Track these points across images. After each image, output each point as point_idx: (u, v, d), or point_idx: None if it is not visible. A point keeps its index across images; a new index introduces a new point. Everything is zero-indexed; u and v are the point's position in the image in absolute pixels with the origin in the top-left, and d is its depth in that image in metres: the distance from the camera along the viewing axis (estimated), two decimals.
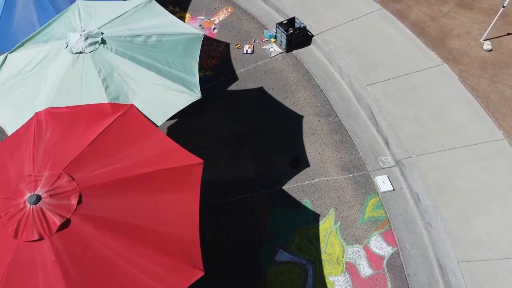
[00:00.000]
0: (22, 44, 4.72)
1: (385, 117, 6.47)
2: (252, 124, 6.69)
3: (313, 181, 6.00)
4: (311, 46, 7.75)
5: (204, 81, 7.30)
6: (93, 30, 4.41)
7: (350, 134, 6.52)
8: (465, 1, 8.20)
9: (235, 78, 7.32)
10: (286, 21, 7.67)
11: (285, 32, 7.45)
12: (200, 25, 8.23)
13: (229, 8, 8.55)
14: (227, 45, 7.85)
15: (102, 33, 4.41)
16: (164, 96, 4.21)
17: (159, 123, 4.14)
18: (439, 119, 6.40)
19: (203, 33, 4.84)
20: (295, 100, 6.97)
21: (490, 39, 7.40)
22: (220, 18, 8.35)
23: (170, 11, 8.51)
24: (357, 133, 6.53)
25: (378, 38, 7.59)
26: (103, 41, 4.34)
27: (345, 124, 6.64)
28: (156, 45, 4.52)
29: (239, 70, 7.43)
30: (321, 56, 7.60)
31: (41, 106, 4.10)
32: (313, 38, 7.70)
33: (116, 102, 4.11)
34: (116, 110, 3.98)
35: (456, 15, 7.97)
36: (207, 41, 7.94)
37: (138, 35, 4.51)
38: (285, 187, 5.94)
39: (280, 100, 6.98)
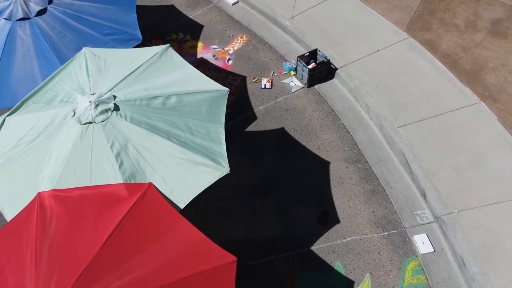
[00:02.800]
0: (22, 104, 4.15)
1: (421, 164, 5.90)
2: (274, 171, 6.12)
3: (344, 240, 5.43)
4: (334, 80, 7.18)
5: None
6: (104, 93, 3.84)
7: (382, 183, 5.95)
8: (498, 29, 7.62)
9: (253, 117, 6.75)
10: (307, 54, 7.09)
11: (307, 67, 6.88)
12: (214, 56, 7.66)
13: (244, 36, 7.97)
14: (243, 78, 7.28)
15: (115, 97, 3.84)
16: (187, 171, 3.64)
17: (182, 205, 3.57)
18: (480, 167, 5.83)
19: (227, 89, 4.26)
20: (320, 143, 6.40)
21: None
22: (235, 48, 7.78)
23: (180, 39, 7.96)
24: (390, 182, 5.96)
25: (408, 71, 7.01)
26: (116, 107, 3.77)
27: (376, 172, 6.06)
28: (176, 108, 3.95)
29: (258, 108, 6.86)
30: (346, 91, 7.03)
31: (44, 186, 3.53)
32: (337, 71, 7.12)
33: (132, 181, 3.54)
34: (132, 192, 3.41)
35: (489, 45, 7.38)
36: (222, 74, 7.37)
37: (156, 97, 3.94)
38: (314, 248, 5.37)
39: (304, 143, 6.40)
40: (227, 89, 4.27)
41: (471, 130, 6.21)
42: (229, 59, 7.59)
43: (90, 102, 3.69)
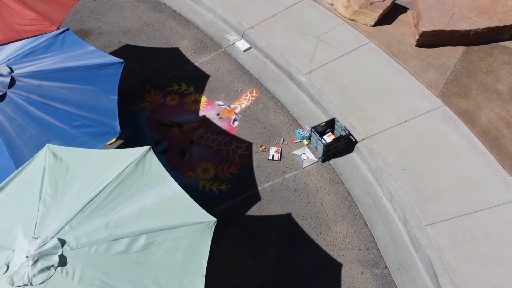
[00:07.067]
0: None
1: (451, 279, 4.91)
2: (277, 271, 5.23)
3: None
4: (353, 155, 6.22)
5: (218, 199, 5.86)
6: (50, 238, 3.00)
7: None
8: None
9: (257, 197, 5.86)
10: (324, 123, 6.15)
11: (322, 141, 5.94)
12: (218, 114, 6.79)
13: (254, 92, 7.07)
14: (249, 145, 6.38)
15: (63, 243, 3.00)
16: None
17: None
18: None
19: (215, 220, 3.38)
20: (332, 237, 5.46)
21: None
22: (242, 105, 6.89)
23: (183, 92, 7.11)
24: None
25: (440, 151, 6.00)
26: (62, 261, 2.93)
27: (397, 282, 5.11)
28: (144, 254, 3.09)
29: (263, 185, 5.96)
30: (366, 171, 6.06)
31: None
32: (357, 145, 6.15)
33: None
34: None
35: None
36: (225, 138, 6.50)
37: (119, 239, 3.09)
38: None
39: (313, 236, 5.48)
40: (214, 219, 3.38)
41: None
42: (234, 120, 6.70)
43: (27, 257, 2.87)
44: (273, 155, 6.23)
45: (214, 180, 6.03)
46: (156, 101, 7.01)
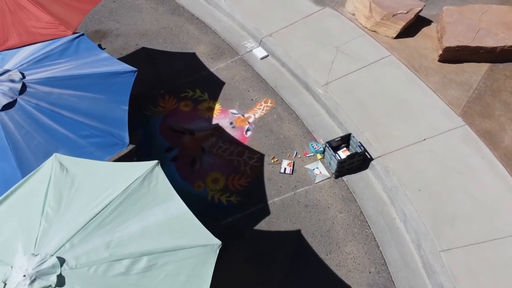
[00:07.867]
0: None
1: None
2: None
3: None
4: (368, 172, 6.03)
5: (227, 211, 5.75)
6: (49, 256, 2.92)
7: None
8: None
9: (266, 211, 5.73)
10: (339, 138, 5.98)
11: (336, 156, 5.78)
12: (231, 123, 6.67)
13: (269, 101, 6.94)
14: (261, 157, 6.25)
15: (62, 262, 2.92)
16: None
17: None
18: None
19: (219, 242, 3.26)
20: (341, 258, 5.30)
21: None
22: (256, 115, 6.76)
23: (197, 98, 7.03)
24: None
25: (459, 172, 5.78)
26: (60, 282, 2.85)
27: None
28: (144, 277, 2.99)
29: (273, 199, 5.82)
30: (381, 190, 5.87)
31: None
32: (372, 162, 5.96)
33: None
34: None
35: None
36: (237, 148, 6.38)
37: (120, 259, 3.00)
38: None
39: (322, 255, 5.32)
40: (219, 242, 3.25)
41: None
42: (247, 130, 6.58)
43: (24, 276, 2.80)
44: (285, 168, 6.09)
45: (223, 191, 5.92)
46: (169, 106, 6.94)
